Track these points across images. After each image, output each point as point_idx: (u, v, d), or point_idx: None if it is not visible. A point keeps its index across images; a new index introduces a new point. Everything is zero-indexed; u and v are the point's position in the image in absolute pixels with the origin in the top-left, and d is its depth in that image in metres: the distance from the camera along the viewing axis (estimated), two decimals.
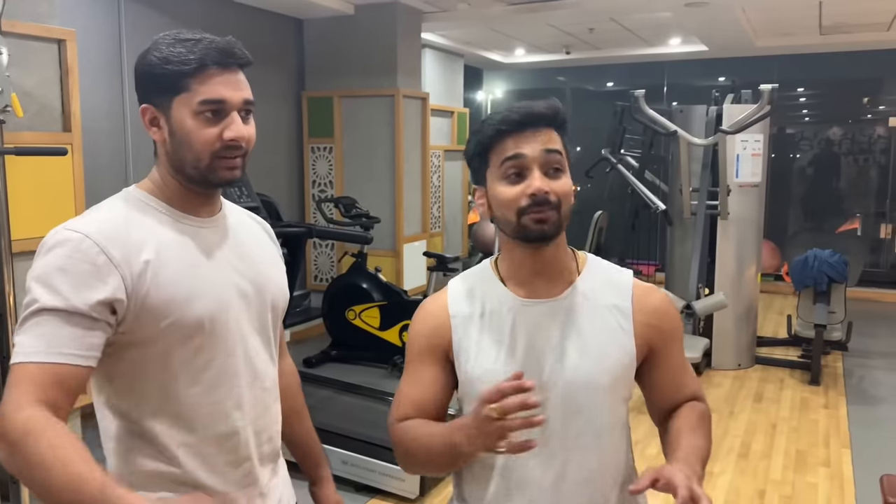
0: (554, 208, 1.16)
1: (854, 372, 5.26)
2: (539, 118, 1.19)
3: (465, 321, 1.24)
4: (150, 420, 1.13)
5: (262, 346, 1.25)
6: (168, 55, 1.10)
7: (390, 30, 6.05)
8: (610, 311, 1.23)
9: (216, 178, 1.15)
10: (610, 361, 1.20)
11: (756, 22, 6.81)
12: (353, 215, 5.35)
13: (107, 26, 4.50)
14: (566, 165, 1.20)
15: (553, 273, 1.24)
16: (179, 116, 1.11)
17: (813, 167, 8.91)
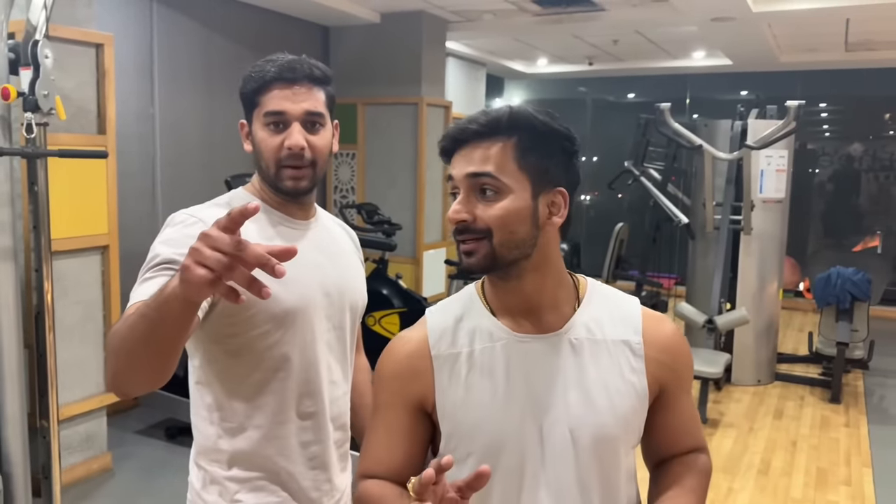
0: (482, 238, 0.99)
1: (875, 391, 5.21)
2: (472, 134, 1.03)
3: (449, 362, 1.05)
4: (225, 397, 1.25)
5: (336, 342, 1.34)
6: (248, 76, 1.26)
7: (415, 39, 6.10)
8: (618, 346, 1.05)
9: (283, 186, 1.26)
10: (621, 408, 1.03)
11: (782, 38, 6.80)
12: (376, 222, 5.39)
13: (139, 31, 4.57)
14: (505, 187, 1.00)
15: (544, 306, 1.05)
16: (255, 129, 1.26)
17: (834, 183, 8.86)
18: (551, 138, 1.03)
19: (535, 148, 1.01)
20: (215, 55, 5.13)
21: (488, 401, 1.02)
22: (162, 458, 3.73)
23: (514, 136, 1.01)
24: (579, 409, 1.02)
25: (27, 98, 2.29)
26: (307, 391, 1.28)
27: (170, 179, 4.80)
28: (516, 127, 1.02)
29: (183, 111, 4.92)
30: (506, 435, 1.02)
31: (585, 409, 1.02)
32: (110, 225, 3.38)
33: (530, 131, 1.02)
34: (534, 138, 1.02)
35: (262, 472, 1.25)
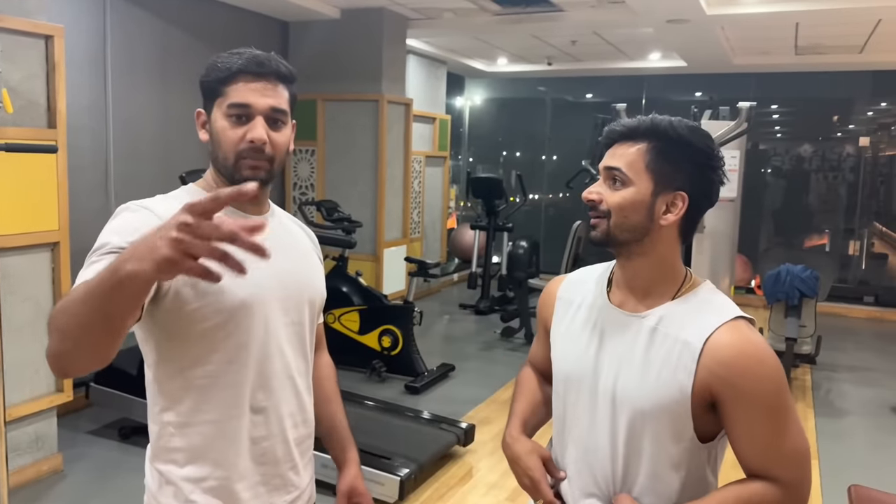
0: (603, 216, 1.23)
1: (822, 385, 5.39)
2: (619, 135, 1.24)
3: (565, 305, 1.35)
4: (178, 391, 1.23)
5: (294, 336, 1.32)
6: (213, 64, 1.25)
7: (376, 35, 6.08)
8: (680, 344, 1.16)
9: (240, 176, 1.23)
10: (660, 392, 1.16)
11: (735, 40, 6.97)
12: (335, 219, 5.36)
13: (92, 23, 4.47)
14: (630, 179, 1.20)
15: (640, 288, 1.24)
16: (215, 118, 1.24)
17: (784, 183, 9.12)
18: (684, 149, 1.19)
19: (664, 154, 1.19)
20: (172, 49, 5.04)
21: (571, 345, 1.30)
22: (115, 458, 3.66)
23: (649, 142, 1.19)
24: (626, 378, 1.20)
25: None
26: (260, 385, 1.26)
27: (123, 174, 4.70)
28: (653, 134, 1.19)
29: (137, 105, 4.82)
30: (573, 375, 1.28)
31: (629, 381, 1.20)
32: (61, 221, 3.30)
33: (664, 140, 1.19)
34: (666, 146, 1.19)
35: (216, 468, 1.24)
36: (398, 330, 5.03)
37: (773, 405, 1.14)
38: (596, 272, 1.35)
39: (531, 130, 10.02)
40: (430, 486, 3.48)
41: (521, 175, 7.81)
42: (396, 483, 3.22)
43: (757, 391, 1.13)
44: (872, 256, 8.65)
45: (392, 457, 3.38)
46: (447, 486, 3.51)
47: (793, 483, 1.16)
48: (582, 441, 1.27)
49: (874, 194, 8.70)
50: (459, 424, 3.92)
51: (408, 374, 4.97)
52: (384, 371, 5.00)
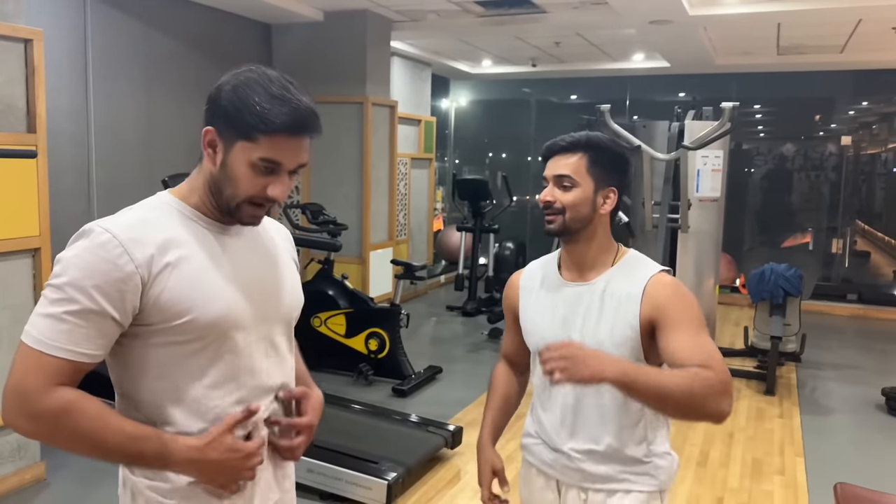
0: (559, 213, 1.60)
1: (807, 382, 5.43)
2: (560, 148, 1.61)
3: (528, 292, 1.70)
4: (154, 410, 1.21)
5: (271, 348, 1.31)
6: (251, 105, 1.16)
7: (360, 37, 6.07)
8: (625, 296, 1.55)
9: (239, 219, 1.25)
10: (616, 333, 1.54)
11: (717, 41, 7.02)
12: (321, 222, 5.33)
13: (72, 26, 4.43)
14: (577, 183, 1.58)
15: (586, 264, 1.62)
16: (236, 159, 1.19)
17: (767, 182, 9.19)
18: (609, 156, 1.60)
19: (598, 161, 1.57)
20: (153, 52, 4.99)
21: (540, 318, 1.65)
22: (99, 467, 3.61)
23: (585, 152, 1.57)
24: (591, 329, 1.56)
25: None
26: (238, 400, 1.25)
27: (105, 179, 4.66)
28: (588, 146, 1.58)
29: (119, 109, 4.78)
30: (545, 341, 1.51)
31: (594, 330, 1.56)
32: (41, 226, 3.26)
33: (596, 150, 1.58)
34: (598, 155, 1.58)
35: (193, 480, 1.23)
36: (385, 333, 5.01)
37: (692, 318, 1.51)
38: (543, 262, 1.72)
39: (516, 132, 10.03)
40: (418, 489, 3.47)
41: (507, 176, 7.82)
42: (384, 487, 3.20)
43: (680, 310, 1.51)
44: (855, 254, 8.74)
45: (379, 460, 3.37)
46: (435, 488, 3.50)
47: (718, 368, 1.41)
48: (564, 392, 1.60)
49: (856, 193, 8.79)
50: (447, 427, 3.91)
51: (395, 376, 4.96)
52: (371, 374, 4.98)
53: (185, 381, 1.21)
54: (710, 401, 1.36)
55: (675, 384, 1.36)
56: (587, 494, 1.61)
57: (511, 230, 8.87)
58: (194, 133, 4.64)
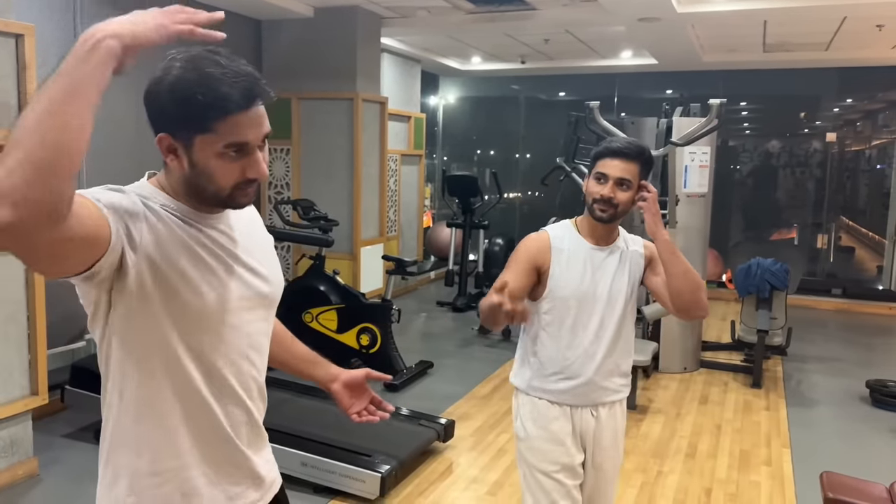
0: (614, 207, 2.03)
1: (793, 375, 5.50)
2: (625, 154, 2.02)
3: (559, 253, 2.05)
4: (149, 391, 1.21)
5: (260, 334, 1.34)
6: (193, 97, 1.11)
7: (350, 34, 6.07)
8: (634, 254, 2.10)
9: (234, 205, 1.23)
10: (633, 280, 2.09)
11: (704, 38, 7.08)
12: (312, 218, 5.34)
13: (63, 21, 4.41)
14: (633, 186, 2.02)
15: (608, 235, 2.08)
16: (202, 155, 1.15)
17: (753, 178, 9.28)
18: (651, 168, 2.08)
19: (645, 171, 2.02)
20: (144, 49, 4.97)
21: (574, 273, 2.03)
22: (91, 462, 3.60)
23: (640, 163, 1.99)
24: (617, 282, 2.06)
25: None
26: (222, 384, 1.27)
27: (97, 171, 4.59)
28: (643, 157, 1.99)
29: (109, 104, 4.74)
30: (580, 293, 2.03)
31: (618, 282, 2.06)
32: None
33: (646, 162, 2.01)
34: (645, 166, 2.01)
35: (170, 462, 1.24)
36: (376, 328, 5.04)
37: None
38: (563, 231, 2.09)
39: (505, 128, 10.07)
40: (410, 481, 3.50)
41: (496, 173, 7.86)
42: (377, 479, 3.23)
43: (657, 253, 2.06)
44: (840, 250, 8.84)
45: (372, 454, 3.40)
46: (428, 481, 3.54)
47: None
48: (590, 334, 2.03)
49: (841, 189, 8.89)
50: (439, 420, 3.94)
51: (387, 371, 4.96)
52: None
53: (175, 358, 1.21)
54: (702, 290, 1.99)
55: (688, 263, 1.99)
56: (597, 410, 2.08)
57: (500, 226, 8.91)
58: None
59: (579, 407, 2.07)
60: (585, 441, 2.09)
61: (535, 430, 2.08)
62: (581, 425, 2.08)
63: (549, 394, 2.07)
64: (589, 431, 2.08)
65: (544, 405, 2.07)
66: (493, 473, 3.64)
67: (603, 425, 2.09)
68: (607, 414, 2.10)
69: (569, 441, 2.06)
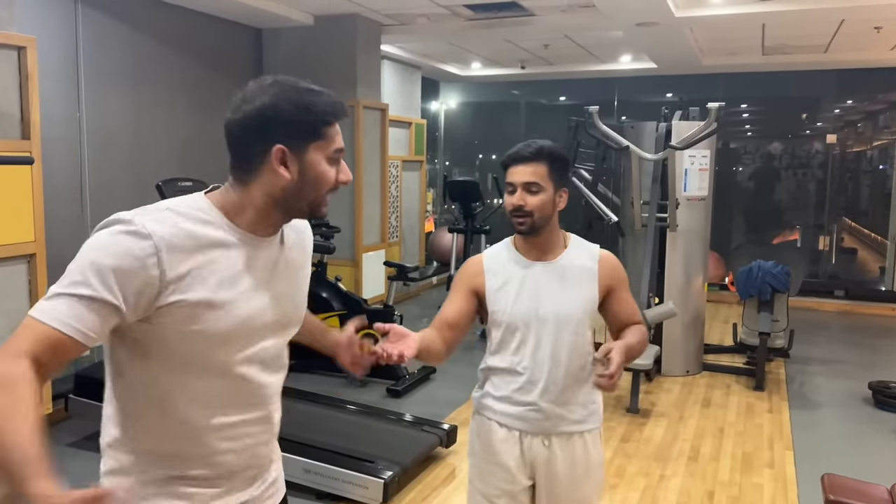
0: (528, 215, 1.91)
1: (796, 378, 5.50)
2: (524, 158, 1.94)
3: (493, 274, 1.95)
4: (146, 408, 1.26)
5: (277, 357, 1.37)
6: (306, 103, 1.23)
7: (350, 41, 6.11)
8: (584, 269, 1.93)
9: (319, 213, 1.31)
10: (584, 300, 1.92)
11: (703, 42, 7.10)
12: (313, 224, 5.35)
13: (63, 33, 4.44)
14: (543, 188, 1.90)
15: (546, 247, 1.94)
16: (314, 159, 1.25)
17: (755, 181, 9.28)
18: (562, 163, 1.93)
19: (555, 169, 1.89)
20: (144, 58, 5.02)
21: (511, 296, 1.91)
22: (97, 471, 3.63)
23: (546, 161, 1.88)
24: (560, 300, 1.90)
25: None
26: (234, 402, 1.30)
27: (98, 184, 4.68)
28: (548, 156, 1.88)
29: (111, 114, 4.80)
30: (522, 315, 1.90)
31: (563, 301, 1.90)
32: (37, 232, 3.29)
33: (554, 159, 1.89)
34: (555, 163, 1.89)
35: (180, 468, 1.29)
36: (379, 334, 5.04)
37: (627, 283, 2.02)
38: (499, 250, 2.00)
39: (506, 133, 10.08)
40: (413, 487, 3.51)
41: (498, 178, 7.87)
42: (380, 486, 3.24)
43: (623, 277, 2.00)
44: (842, 251, 8.84)
45: (375, 460, 3.41)
46: (431, 487, 3.54)
47: (641, 319, 2.05)
48: (539, 359, 1.90)
49: (842, 190, 8.89)
50: (441, 426, 3.95)
51: (388, 377, 4.99)
52: (365, 375, 5.00)
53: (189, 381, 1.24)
54: (645, 344, 1.97)
55: (639, 342, 1.91)
56: (550, 440, 1.93)
57: (502, 231, 8.86)
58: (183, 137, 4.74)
59: (529, 434, 1.93)
60: (536, 471, 1.95)
61: (481, 450, 2.01)
62: (530, 454, 1.94)
63: (498, 415, 1.96)
64: (540, 462, 1.94)
65: (493, 426, 1.97)
66: None
67: (557, 457, 1.93)
68: (563, 445, 1.93)
69: (513, 466, 1.94)
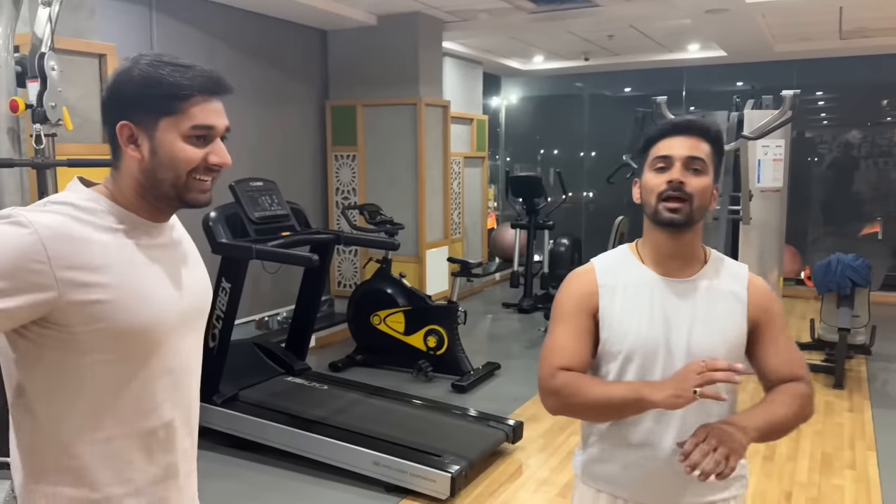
0: (687, 199, 1.41)
1: (878, 375, 5.26)
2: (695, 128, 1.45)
3: (610, 291, 1.48)
4: (67, 418, 1.15)
5: (194, 347, 1.30)
6: (160, 77, 1.12)
7: (412, 40, 6.15)
8: (730, 295, 1.47)
9: (189, 198, 1.18)
10: (727, 336, 1.46)
11: (776, 28, 6.84)
12: (378, 222, 5.44)
13: (140, 40, 4.63)
14: (708, 169, 1.43)
15: (686, 257, 1.48)
16: (166, 138, 1.14)
17: (833, 171, 8.90)
18: (722, 154, 1.48)
19: (717, 155, 1.46)
20: (215, 61, 5.18)
21: (637, 320, 1.45)
22: None
23: (712, 143, 1.45)
24: (699, 333, 1.44)
25: (35, 110, 2.34)
26: (162, 400, 1.22)
27: None
28: (716, 138, 1.46)
29: None
30: (647, 345, 1.45)
31: (703, 334, 1.44)
32: None
33: (718, 144, 1.46)
34: (719, 150, 1.47)
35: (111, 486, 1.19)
36: (443, 330, 5.07)
37: (783, 319, 1.54)
38: (615, 258, 1.54)
39: (569, 127, 9.97)
40: (480, 482, 3.52)
41: (561, 172, 7.80)
42: (448, 479, 3.26)
43: (778, 310, 1.53)
44: None
45: (442, 454, 3.42)
46: (498, 482, 3.54)
47: (808, 379, 1.49)
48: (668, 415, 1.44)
49: None
50: (507, 422, 3.94)
51: (454, 373, 5.01)
52: (430, 371, 5.05)
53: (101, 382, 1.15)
54: (808, 414, 1.46)
55: (789, 416, 1.42)
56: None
57: (566, 226, 8.83)
58: (252, 138, 4.86)
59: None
60: None
61: None
62: None
63: (609, 484, 1.51)
64: None
65: (604, 500, 1.53)
66: (564, 475, 3.61)
67: None
68: None
69: None
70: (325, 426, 3.65)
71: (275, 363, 4.38)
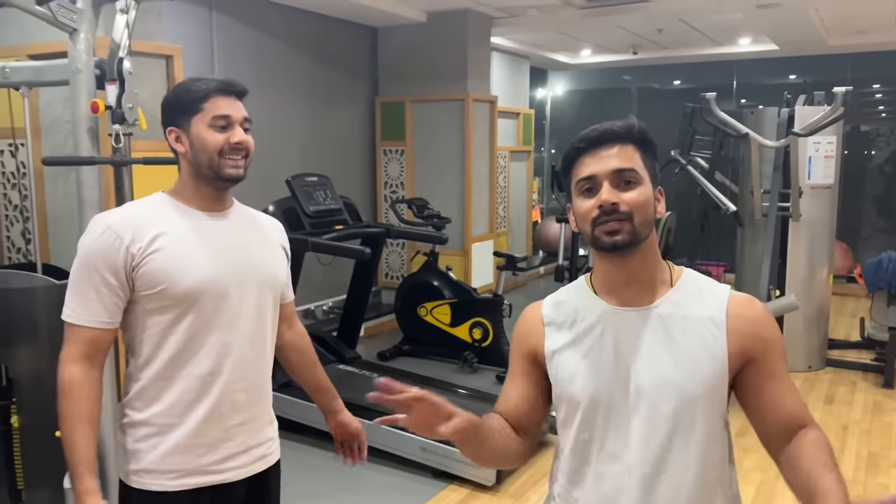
0: (625, 219, 1.19)
1: None
2: (613, 136, 1.24)
3: (556, 329, 1.29)
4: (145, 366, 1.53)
5: (255, 316, 1.60)
6: (184, 89, 1.55)
7: (461, 36, 6.23)
8: (702, 321, 1.21)
9: (224, 174, 1.54)
10: (700, 372, 1.19)
11: (829, 21, 6.72)
12: (426, 216, 5.55)
13: (201, 41, 4.82)
14: (641, 178, 1.22)
15: (643, 281, 1.24)
16: (197, 130, 1.53)
17: (889, 166, 8.68)
18: (655, 151, 1.27)
19: (648, 155, 1.25)
20: (269, 59, 5.35)
21: (580, 359, 1.25)
22: None
23: (636, 144, 1.24)
24: (664, 368, 1.20)
25: (114, 111, 2.50)
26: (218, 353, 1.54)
27: None
28: (638, 137, 1.25)
29: None
30: (599, 391, 1.23)
31: (669, 369, 1.19)
32: None
33: (644, 142, 1.25)
34: (647, 147, 1.26)
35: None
36: (488, 322, 5.17)
37: (784, 354, 1.25)
38: (569, 290, 1.34)
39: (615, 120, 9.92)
40: (525, 471, 3.61)
41: None
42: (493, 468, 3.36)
43: (775, 338, 1.23)
44: None
45: None
46: (542, 471, 3.63)
47: (811, 417, 1.24)
48: (621, 459, 1.22)
49: None
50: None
51: (499, 364, 5.11)
52: (476, 362, 5.15)
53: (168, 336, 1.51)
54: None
55: (839, 480, 1.14)
56: None
57: None
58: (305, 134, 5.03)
59: None
60: None
61: None
62: None
63: None
64: None
65: None
66: None
67: None
68: None
69: None
70: (375, 412, 3.77)
71: (327, 351, 4.55)
